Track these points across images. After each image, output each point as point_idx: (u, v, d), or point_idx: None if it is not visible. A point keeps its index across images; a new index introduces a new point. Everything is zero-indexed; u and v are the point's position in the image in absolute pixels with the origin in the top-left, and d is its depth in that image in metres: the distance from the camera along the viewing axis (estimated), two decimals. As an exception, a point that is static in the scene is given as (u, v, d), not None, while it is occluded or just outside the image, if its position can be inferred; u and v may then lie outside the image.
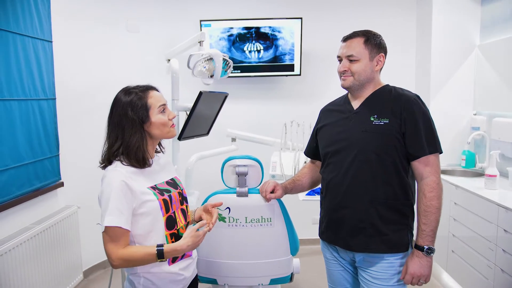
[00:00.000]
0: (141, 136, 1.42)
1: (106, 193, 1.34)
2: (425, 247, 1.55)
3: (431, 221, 1.55)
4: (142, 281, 1.43)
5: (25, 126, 2.47)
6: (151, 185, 1.44)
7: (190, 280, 1.58)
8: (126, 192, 1.35)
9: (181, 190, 1.57)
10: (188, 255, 1.54)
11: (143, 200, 1.38)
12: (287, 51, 3.56)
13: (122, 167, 1.39)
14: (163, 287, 1.45)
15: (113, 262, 1.34)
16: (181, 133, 2.41)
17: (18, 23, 2.40)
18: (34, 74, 2.56)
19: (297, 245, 2.03)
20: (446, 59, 3.45)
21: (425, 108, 1.61)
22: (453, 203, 2.90)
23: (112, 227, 1.31)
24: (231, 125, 3.32)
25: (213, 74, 2.49)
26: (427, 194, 1.55)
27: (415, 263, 1.56)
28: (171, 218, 1.46)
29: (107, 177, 1.37)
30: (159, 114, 1.45)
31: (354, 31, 1.66)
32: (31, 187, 2.52)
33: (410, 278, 1.57)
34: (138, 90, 1.45)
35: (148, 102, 1.43)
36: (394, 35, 3.75)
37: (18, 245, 2.25)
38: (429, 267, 1.57)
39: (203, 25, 3.50)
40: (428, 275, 1.58)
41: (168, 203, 1.45)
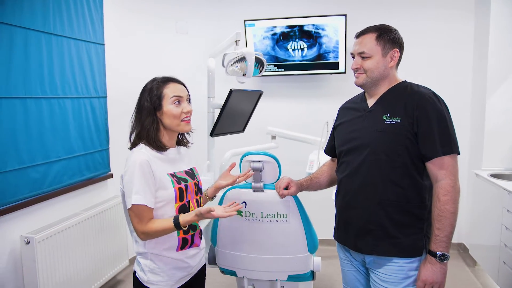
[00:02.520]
0: (153, 121, 1.51)
1: (131, 172, 1.43)
2: (438, 253, 1.46)
3: (445, 226, 1.46)
4: (149, 263, 1.52)
5: (77, 122, 2.72)
6: (170, 172, 1.52)
7: (196, 269, 1.65)
8: (150, 171, 1.44)
9: (198, 182, 1.64)
10: (196, 244, 1.61)
11: (160, 185, 1.47)
12: (331, 49, 3.51)
13: (147, 149, 1.50)
14: (167, 271, 1.53)
15: (140, 237, 1.46)
16: (213, 129, 2.49)
17: (72, 28, 2.66)
18: (87, 74, 2.81)
19: (316, 243, 2.01)
20: (506, 53, 3.17)
21: (442, 106, 1.51)
22: (505, 210, 2.67)
23: (138, 205, 1.41)
24: (274, 123, 3.36)
25: (246, 72, 2.54)
26: (441, 198, 1.47)
27: (427, 269, 1.49)
28: (184, 207, 1.54)
29: (132, 157, 1.47)
30: (171, 104, 1.51)
31: (368, 27, 1.61)
32: (82, 177, 2.78)
33: (422, 284, 1.50)
34: (160, 80, 1.55)
35: (163, 92, 1.51)
36: (450, 30, 3.54)
37: (68, 228, 2.49)
38: (443, 274, 1.49)
39: (247, 25, 3.57)
40: (441, 283, 1.49)
41: (184, 192, 1.53)
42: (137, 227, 1.44)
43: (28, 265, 2.24)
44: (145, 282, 1.52)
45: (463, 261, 3.49)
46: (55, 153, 2.52)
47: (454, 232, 3.58)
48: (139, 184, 1.41)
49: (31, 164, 2.33)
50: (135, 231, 1.45)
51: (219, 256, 2.06)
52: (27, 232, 2.29)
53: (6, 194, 2.17)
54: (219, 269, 2.12)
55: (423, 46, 3.57)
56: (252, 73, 2.54)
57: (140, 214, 1.42)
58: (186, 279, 1.60)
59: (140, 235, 1.46)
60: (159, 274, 1.52)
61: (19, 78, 2.24)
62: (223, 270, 2.11)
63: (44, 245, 2.29)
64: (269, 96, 3.72)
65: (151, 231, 1.44)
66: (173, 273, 1.53)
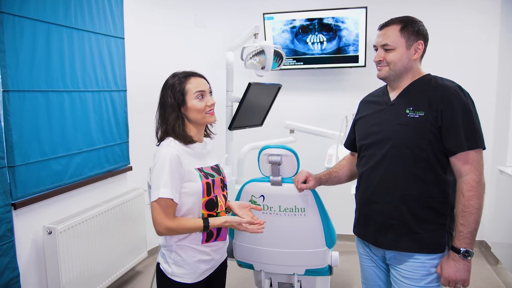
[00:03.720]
0: (177, 117, 1.52)
1: (160, 166, 1.44)
2: (462, 249, 1.43)
3: (469, 222, 1.43)
4: (173, 255, 1.54)
5: (97, 115, 2.76)
6: (198, 166, 1.54)
7: (219, 262, 1.66)
8: (178, 167, 1.46)
9: (223, 177, 1.64)
10: (222, 238, 1.61)
11: (188, 179, 1.49)
12: (351, 42, 3.46)
13: (175, 143, 1.51)
14: (192, 264, 1.53)
15: (160, 230, 1.45)
16: (231, 123, 2.49)
17: (93, 22, 2.69)
18: (107, 68, 2.85)
19: (334, 238, 1.99)
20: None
21: (467, 99, 1.47)
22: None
23: (165, 198, 1.42)
24: (293, 117, 3.34)
25: (265, 66, 2.53)
26: (465, 193, 1.43)
27: (450, 266, 1.45)
28: (212, 201, 1.55)
29: (161, 151, 1.48)
30: (195, 99, 1.52)
31: (391, 18, 1.57)
32: (102, 169, 2.82)
33: (446, 282, 1.47)
34: (181, 75, 1.55)
35: (186, 87, 1.52)
36: (475, 24, 3.44)
37: (88, 219, 2.53)
38: (467, 271, 1.45)
39: (266, 18, 3.55)
40: (466, 280, 1.46)
41: (211, 187, 1.54)
42: (161, 221, 1.43)
43: (50, 254, 2.29)
44: (169, 274, 1.53)
45: (484, 259, 3.42)
46: (76, 145, 2.56)
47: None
48: (167, 178, 1.42)
49: (53, 156, 2.38)
50: (158, 225, 1.44)
51: (237, 250, 2.06)
52: (49, 222, 2.34)
53: (29, 185, 2.22)
54: (236, 262, 2.12)
55: (446, 41, 3.48)
56: (270, 67, 2.52)
57: (166, 208, 1.43)
58: (210, 272, 1.61)
59: (162, 230, 1.44)
60: (183, 267, 1.53)
61: (41, 72, 2.28)
62: (240, 263, 2.11)
63: (66, 235, 2.33)
64: (288, 90, 3.69)
65: (179, 228, 1.46)
66: (197, 266, 1.54)
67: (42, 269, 2.33)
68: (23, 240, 2.23)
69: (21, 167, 2.16)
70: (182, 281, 1.52)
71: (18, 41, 2.12)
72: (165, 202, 1.43)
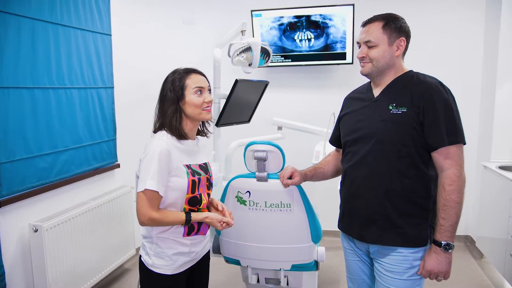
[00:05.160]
0: (175, 110, 1.56)
1: (150, 158, 1.47)
2: (443, 242, 1.46)
3: (450, 216, 1.46)
4: (154, 247, 1.56)
5: (84, 112, 2.74)
6: (187, 163, 1.56)
7: (200, 255, 1.68)
8: (168, 161, 1.49)
9: (210, 177, 1.66)
10: (202, 232, 1.63)
11: (175, 174, 1.51)
12: (339, 39, 3.48)
13: (168, 137, 1.54)
14: (171, 256, 1.56)
15: (143, 220, 1.48)
16: (218, 119, 2.50)
17: (79, 19, 2.67)
18: (94, 65, 2.83)
19: (320, 233, 2.01)
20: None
21: (448, 95, 1.50)
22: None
23: (151, 190, 1.45)
24: (281, 114, 3.35)
25: (252, 62, 2.53)
26: (447, 188, 1.46)
27: (432, 259, 1.49)
28: (195, 199, 1.57)
29: (153, 143, 1.51)
30: (193, 95, 1.56)
31: (374, 15, 1.59)
32: (89, 166, 2.81)
33: (427, 274, 1.51)
34: (182, 71, 1.60)
35: (186, 83, 1.56)
36: (460, 21, 3.49)
37: (75, 216, 2.52)
38: (448, 263, 1.49)
39: (254, 15, 3.55)
40: (447, 272, 1.50)
41: (196, 185, 1.56)
42: (145, 211, 1.46)
43: (36, 252, 2.28)
44: (150, 265, 1.56)
45: (469, 253, 3.47)
46: (62, 142, 2.54)
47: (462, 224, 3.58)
48: (155, 171, 1.45)
49: (39, 153, 2.36)
50: (141, 215, 1.47)
51: (223, 245, 2.07)
52: (35, 220, 2.32)
53: (15, 182, 2.20)
54: (224, 258, 2.13)
55: (432, 38, 3.52)
56: (257, 63, 2.52)
57: (151, 199, 1.46)
58: (190, 264, 1.63)
59: (145, 220, 1.47)
60: (163, 258, 1.55)
61: (26, 69, 2.26)
62: (227, 259, 2.13)
63: (52, 233, 2.32)
64: (276, 87, 3.72)
65: (161, 220, 1.48)
66: (176, 258, 1.56)
67: (28, 267, 2.31)
68: (9, 238, 2.21)
69: (6, 164, 2.14)
70: (162, 272, 1.55)
71: (2, 37, 2.10)
72: (151, 194, 1.46)
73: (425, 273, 1.51)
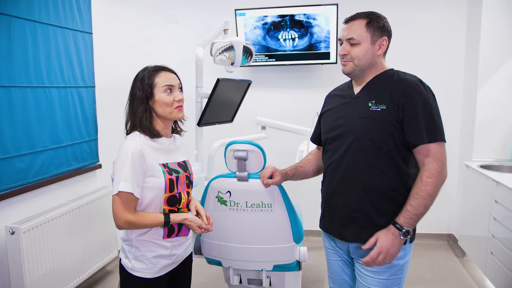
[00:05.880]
0: (145, 109, 1.52)
1: (122, 160, 1.44)
2: (405, 228, 1.43)
3: (419, 205, 1.43)
4: (133, 250, 1.53)
5: (64, 111, 2.69)
6: (163, 162, 1.53)
7: (182, 258, 1.64)
8: (141, 161, 1.45)
9: (189, 174, 1.63)
10: (184, 233, 1.60)
11: (151, 174, 1.48)
12: (323, 39, 3.48)
13: (140, 137, 1.50)
14: (151, 259, 1.53)
15: (120, 224, 1.45)
16: (200, 119, 2.47)
17: (58, 16, 2.62)
18: (74, 63, 2.78)
19: (301, 233, 2.00)
20: (497, 45, 3.15)
21: (428, 93, 1.50)
22: (494, 201, 2.67)
23: (125, 192, 1.42)
24: (265, 114, 3.34)
25: (234, 61, 2.51)
26: (424, 179, 1.44)
27: (388, 239, 1.43)
28: (174, 198, 1.54)
29: (125, 145, 1.47)
30: (163, 93, 1.52)
31: (357, 13, 1.58)
32: (69, 167, 2.76)
33: (377, 252, 1.43)
34: (152, 69, 1.55)
35: (155, 81, 1.52)
36: (442, 20, 3.52)
37: (54, 218, 2.47)
38: (399, 248, 1.45)
39: (237, 14, 3.53)
40: (394, 256, 1.45)
41: (174, 183, 1.53)
42: (121, 214, 1.43)
43: (13, 255, 2.22)
44: (130, 269, 1.53)
45: (452, 251, 3.51)
46: (41, 143, 2.49)
47: (444, 222, 3.59)
48: (128, 172, 1.42)
49: (16, 154, 2.30)
50: (117, 218, 1.44)
51: (205, 246, 2.05)
52: (12, 222, 2.27)
53: (-10, 184, 2.15)
54: (205, 259, 2.11)
55: (415, 37, 3.55)
56: (240, 62, 2.51)
57: (126, 202, 1.43)
58: (171, 267, 1.60)
59: (122, 223, 1.44)
60: (143, 261, 1.52)
61: (3, 67, 2.20)
62: (209, 260, 2.10)
63: (30, 235, 2.27)
64: (260, 87, 3.71)
65: (139, 222, 1.45)
66: (157, 261, 1.53)
67: (4, 270, 2.25)
68: (-16, 240, 2.16)
69: (-19, 165, 2.09)
70: (142, 276, 1.52)
71: (-24, 34, 2.05)
72: (126, 196, 1.42)
73: (375, 251, 1.43)
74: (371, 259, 1.44)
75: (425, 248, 3.55)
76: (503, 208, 2.54)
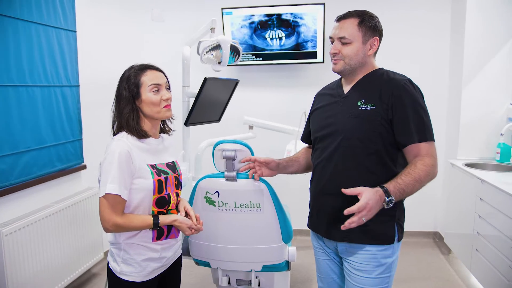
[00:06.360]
0: (132, 109, 1.48)
1: (109, 161, 1.40)
2: (391, 196, 1.38)
3: (409, 182, 1.40)
4: (122, 253, 1.49)
5: (47, 111, 2.63)
6: (151, 163, 1.49)
7: (171, 260, 1.62)
8: (129, 163, 1.41)
9: (178, 175, 1.60)
10: (173, 235, 1.58)
11: (139, 175, 1.44)
12: (310, 38, 3.48)
13: (128, 137, 1.47)
14: (140, 263, 1.49)
15: (108, 227, 1.41)
16: (187, 118, 2.45)
17: (41, 14, 2.55)
18: (58, 62, 2.72)
19: (290, 233, 2.00)
20: (481, 44, 3.19)
21: (417, 93, 1.51)
22: (478, 199, 2.71)
23: (113, 194, 1.38)
24: (252, 113, 3.32)
25: (221, 60, 2.49)
26: (418, 165, 1.42)
27: (375, 198, 1.36)
28: (163, 199, 1.51)
29: (112, 145, 1.44)
30: (150, 92, 1.48)
31: (349, 11, 1.57)
32: (53, 168, 2.69)
33: (363, 204, 1.34)
34: (137, 68, 1.52)
35: (141, 80, 1.48)
36: (427, 19, 3.56)
37: (38, 220, 2.41)
38: (377, 210, 1.39)
39: (224, 13, 3.51)
40: (370, 216, 1.38)
41: (163, 184, 1.50)
42: (108, 217, 1.39)
43: (-5, 259, 2.17)
44: (118, 273, 1.49)
45: (438, 249, 3.55)
46: (23, 143, 2.43)
47: (430, 220, 3.61)
48: (115, 173, 1.38)
49: (-2, 154, 2.25)
50: (104, 221, 1.40)
51: (193, 247, 2.03)
52: (-7, 225, 2.21)
53: (-30, 186, 2.09)
54: (193, 260, 2.09)
55: (400, 36, 3.57)
56: (227, 61, 2.49)
57: (114, 204, 1.39)
58: (161, 270, 1.57)
59: (109, 226, 1.41)
60: (132, 265, 1.49)
61: (-18, 65, 2.14)
62: (197, 261, 2.08)
63: (12, 238, 2.21)
64: (247, 86, 3.69)
65: (127, 225, 1.42)
66: (146, 264, 1.50)
67: (-14, 274, 2.20)
68: (-35, 244, 2.10)
69: (-40, 166, 2.03)
70: (131, 280, 1.48)
71: (-46, 32, 1.99)
72: (113, 198, 1.39)
73: (361, 203, 1.35)
74: (358, 208, 1.34)
75: (411, 246, 3.58)
76: (488, 205, 2.57)
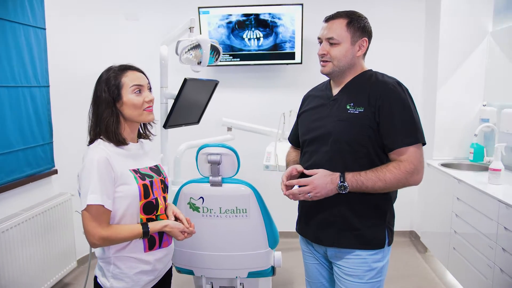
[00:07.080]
0: (112, 113, 1.39)
1: (87, 171, 1.30)
2: (346, 183, 1.41)
3: (370, 178, 1.41)
4: (112, 268, 1.40)
5: (15, 113, 2.48)
6: (133, 168, 1.41)
7: (163, 272, 1.53)
8: (109, 170, 1.32)
9: (164, 178, 1.52)
10: (166, 243, 1.49)
11: (122, 182, 1.35)
12: (288, 39, 3.46)
13: (105, 145, 1.37)
14: (132, 277, 1.40)
15: (94, 241, 1.31)
16: (166, 121, 2.36)
17: (7, 10, 2.40)
18: (26, 61, 2.57)
19: (276, 238, 1.96)
20: (456, 46, 3.26)
21: (406, 95, 1.50)
22: (455, 198, 2.76)
23: (95, 205, 1.28)
24: (230, 115, 3.26)
25: (201, 61, 2.42)
26: (390, 167, 1.43)
27: (326, 180, 1.40)
28: (150, 204, 1.42)
29: (89, 155, 1.34)
30: (131, 94, 1.40)
31: (338, 12, 1.54)
32: (22, 173, 2.54)
33: (306, 180, 1.40)
34: (117, 68, 1.42)
35: (122, 81, 1.40)
36: (402, 21, 3.61)
37: (5, 230, 2.27)
38: (326, 195, 1.43)
39: (201, 12, 3.44)
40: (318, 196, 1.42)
41: (149, 188, 1.41)
42: (93, 231, 1.29)
43: (-42, 273, 2.02)
44: None
45: (414, 248, 3.61)
46: (-11, 148, 2.28)
47: (406, 220, 3.64)
48: (95, 183, 1.29)
49: (-39, 160, 2.09)
50: (90, 235, 1.30)
51: (176, 255, 1.95)
52: (-43, 236, 2.06)
53: None
54: (175, 268, 2.01)
55: (376, 39, 3.59)
56: (207, 62, 2.42)
57: (97, 216, 1.29)
58: (153, 283, 1.48)
59: (96, 241, 1.30)
60: (123, 280, 1.39)
61: None
62: (179, 269, 2.01)
63: (-22, 250, 2.07)
64: (225, 87, 3.61)
65: (115, 237, 1.32)
66: (139, 278, 1.41)
67: (-51, 289, 2.04)
68: None
69: None
70: None
71: None
72: (96, 209, 1.29)
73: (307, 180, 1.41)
74: (297, 182, 1.41)
75: (389, 245, 3.62)
76: (465, 204, 2.63)
